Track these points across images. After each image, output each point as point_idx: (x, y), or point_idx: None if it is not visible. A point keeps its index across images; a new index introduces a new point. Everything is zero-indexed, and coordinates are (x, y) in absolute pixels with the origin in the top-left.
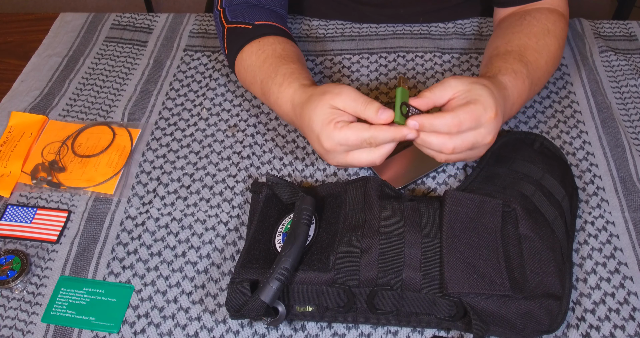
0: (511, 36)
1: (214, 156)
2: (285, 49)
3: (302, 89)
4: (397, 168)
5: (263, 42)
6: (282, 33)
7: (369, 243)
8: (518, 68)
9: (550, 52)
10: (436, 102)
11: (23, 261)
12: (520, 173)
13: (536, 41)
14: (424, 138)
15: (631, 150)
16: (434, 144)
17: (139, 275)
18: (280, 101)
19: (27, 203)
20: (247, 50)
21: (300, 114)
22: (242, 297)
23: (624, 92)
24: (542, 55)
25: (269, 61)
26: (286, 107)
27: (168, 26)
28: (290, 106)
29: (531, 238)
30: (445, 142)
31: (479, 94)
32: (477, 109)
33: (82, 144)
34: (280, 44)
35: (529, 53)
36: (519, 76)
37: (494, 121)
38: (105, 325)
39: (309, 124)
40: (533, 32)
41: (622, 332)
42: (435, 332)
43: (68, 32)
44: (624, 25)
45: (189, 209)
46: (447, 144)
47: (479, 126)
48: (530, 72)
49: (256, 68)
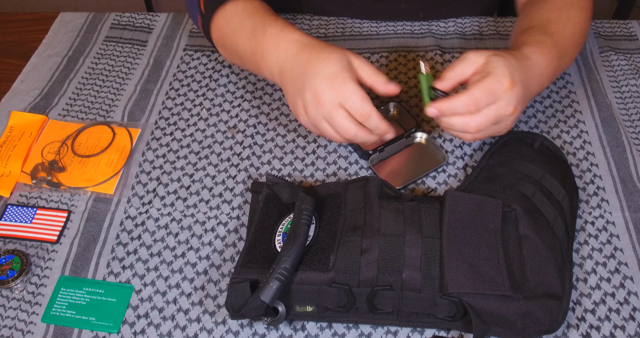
0: (534, 14)
1: (213, 157)
2: (266, 7)
3: (305, 37)
4: (397, 167)
5: (247, 2)
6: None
7: (369, 243)
8: (541, 39)
9: (576, 24)
10: (459, 81)
11: (23, 261)
12: (520, 172)
13: (559, 14)
14: (446, 121)
15: (631, 150)
16: (456, 125)
17: (139, 275)
18: (282, 43)
19: (27, 203)
20: (230, 8)
21: (313, 56)
22: (242, 297)
23: (624, 92)
24: (567, 26)
25: (260, 12)
26: (290, 48)
27: (168, 26)
28: (297, 47)
29: (531, 238)
30: (468, 122)
31: (493, 66)
32: (490, 82)
33: (82, 144)
34: (266, 6)
35: (553, 25)
36: (544, 45)
37: (511, 91)
38: (105, 325)
39: (323, 64)
40: (555, 7)
41: (622, 332)
42: (435, 332)
43: (68, 31)
44: (624, 25)
45: (188, 211)
46: (470, 124)
47: (497, 99)
48: (556, 41)
49: (246, 17)
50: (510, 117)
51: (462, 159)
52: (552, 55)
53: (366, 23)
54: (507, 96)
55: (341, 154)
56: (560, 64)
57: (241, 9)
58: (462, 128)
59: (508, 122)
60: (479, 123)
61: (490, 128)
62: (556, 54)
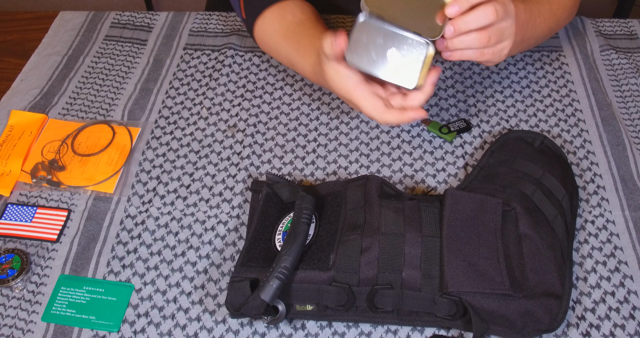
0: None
1: (213, 156)
2: (304, 12)
3: (317, 57)
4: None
5: (284, 6)
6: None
7: (369, 242)
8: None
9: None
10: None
11: (23, 260)
12: (520, 171)
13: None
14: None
15: (632, 149)
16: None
17: (139, 274)
18: (307, 72)
19: (27, 202)
20: (269, 15)
21: (324, 83)
22: (242, 295)
23: (624, 91)
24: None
25: (291, 29)
26: (312, 77)
27: (168, 24)
28: (314, 76)
29: (531, 237)
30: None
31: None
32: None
33: (82, 143)
34: (300, 7)
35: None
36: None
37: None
38: (105, 324)
39: (332, 87)
40: None
41: (622, 330)
42: (435, 330)
43: (68, 30)
44: (625, 24)
45: (188, 209)
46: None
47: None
48: (526, 1)
49: (279, 37)
50: (512, 37)
51: (463, 159)
52: (519, 8)
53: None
54: (513, 14)
55: (341, 154)
56: (530, 20)
57: (277, 25)
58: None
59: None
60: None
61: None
62: (523, 9)
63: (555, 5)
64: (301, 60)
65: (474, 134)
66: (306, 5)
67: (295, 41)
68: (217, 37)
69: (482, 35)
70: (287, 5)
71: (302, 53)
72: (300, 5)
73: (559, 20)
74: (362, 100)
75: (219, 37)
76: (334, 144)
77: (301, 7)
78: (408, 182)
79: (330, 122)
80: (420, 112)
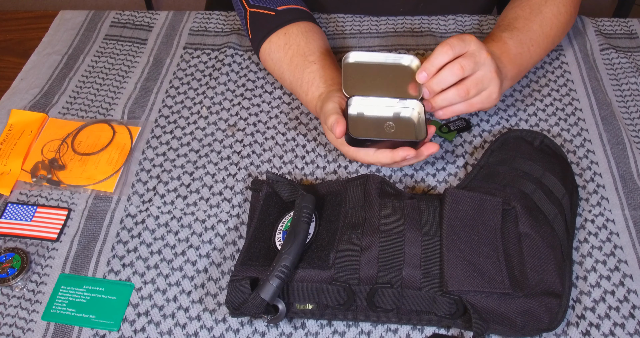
0: (507, 12)
1: (213, 155)
2: (309, 41)
3: (319, 101)
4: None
5: (289, 33)
6: (304, 16)
7: (369, 241)
8: (498, 35)
9: (545, 18)
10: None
11: (23, 259)
12: (520, 170)
13: (529, 11)
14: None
15: (632, 148)
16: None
17: (139, 273)
18: (310, 108)
19: (27, 201)
20: (274, 41)
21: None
22: (242, 294)
23: (624, 90)
24: (533, 21)
25: (295, 61)
26: (315, 113)
27: (168, 24)
28: (317, 115)
29: (531, 236)
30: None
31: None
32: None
33: (82, 142)
34: (304, 34)
35: (518, 22)
36: (498, 38)
37: (489, 57)
38: (105, 323)
39: (327, 137)
40: (529, 4)
41: (622, 329)
42: (435, 329)
43: (68, 29)
44: (625, 23)
45: (188, 209)
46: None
47: (480, 66)
48: (515, 35)
49: (284, 66)
50: (492, 62)
51: (462, 158)
52: (507, 45)
53: (366, 21)
54: (488, 61)
55: (341, 153)
56: (523, 52)
57: (282, 53)
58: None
59: (487, 69)
60: (464, 64)
61: (478, 94)
62: (513, 44)
63: (547, 28)
64: (303, 96)
65: (474, 133)
66: (311, 32)
67: (299, 76)
68: (217, 37)
69: (459, 89)
70: (292, 32)
71: (306, 90)
72: (305, 32)
73: (554, 40)
74: (368, 157)
75: (219, 36)
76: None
77: (306, 36)
78: (408, 181)
79: None
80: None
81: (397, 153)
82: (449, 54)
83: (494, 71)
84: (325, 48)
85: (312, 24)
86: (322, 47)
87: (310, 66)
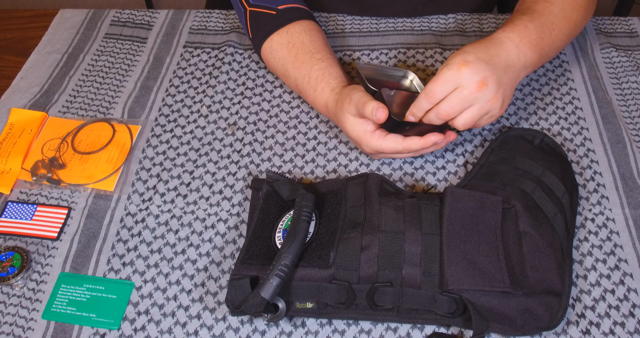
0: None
1: (213, 154)
2: (312, 39)
3: (332, 95)
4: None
5: (291, 32)
6: (305, 15)
7: (369, 240)
8: (517, 18)
9: (566, 0)
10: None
11: (23, 258)
12: (520, 169)
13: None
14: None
15: (632, 147)
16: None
17: (139, 271)
18: (317, 104)
19: (27, 200)
20: (276, 40)
21: (337, 120)
22: (242, 293)
23: (624, 89)
24: (554, 3)
25: (300, 58)
26: (323, 110)
27: (168, 23)
28: (326, 111)
29: (531, 234)
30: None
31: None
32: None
33: (82, 141)
34: (307, 33)
35: (538, 5)
36: (517, 23)
37: (467, 69)
38: (105, 322)
39: (346, 130)
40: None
41: (622, 328)
42: (435, 328)
43: (67, 28)
44: (625, 22)
45: (188, 207)
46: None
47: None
48: (535, 18)
49: (288, 63)
50: (485, 92)
51: (463, 156)
52: (529, 29)
53: (366, 20)
54: (466, 75)
55: (341, 151)
56: (545, 37)
57: (285, 51)
58: (437, 117)
59: (494, 111)
60: (446, 110)
61: (472, 113)
62: (534, 27)
63: (569, 11)
64: (312, 92)
65: (474, 132)
66: (314, 30)
67: (306, 73)
68: (217, 35)
69: (435, 110)
70: (294, 30)
71: (314, 86)
72: (307, 31)
73: (576, 25)
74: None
75: (219, 35)
76: (334, 142)
77: (309, 34)
78: (408, 180)
79: (331, 120)
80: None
81: (429, 138)
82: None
83: (476, 80)
84: (329, 47)
85: (313, 23)
86: (326, 45)
87: (318, 63)
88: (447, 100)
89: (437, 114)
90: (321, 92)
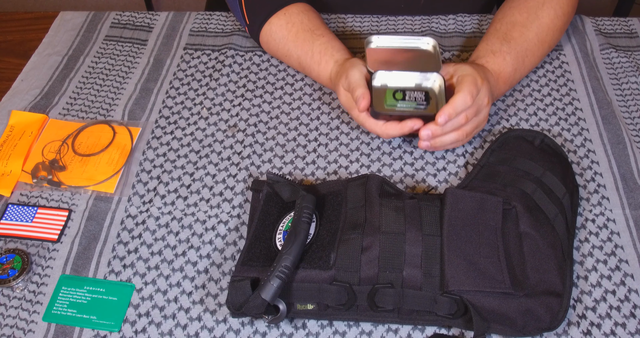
0: (505, 11)
1: (214, 156)
2: (310, 18)
3: (336, 67)
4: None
5: (289, 13)
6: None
7: (369, 241)
8: (497, 48)
9: (542, 25)
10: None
11: (24, 260)
12: (521, 170)
13: (527, 16)
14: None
15: (632, 147)
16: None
17: (140, 273)
18: (322, 78)
19: (28, 202)
20: (275, 23)
21: (335, 90)
22: (242, 295)
23: (624, 89)
24: (530, 28)
25: (301, 36)
26: (327, 82)
27: (168, 24)
28: (330, 83)
29: (532, 235)
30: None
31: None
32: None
33: (82, 143)
34: (304, 13)
35: (516, 29)
36: (497, 54)
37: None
38: (106, 324)
39: (340, 100)
40: (526, 7)
41: (623, 329)
42: (436, 329)
43: (68, 30)
44: (625, 22)
45: (189, 209)
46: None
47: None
48: (513, 47)
49: (290, 43)
50: (486, 108)
51: (463, 157)
52: (507, 61)
53: (367, 20)
54: (486, 105)
55: (342, 153)
56: (519, 67)
57: (285, 31)
58: (451, 140)
59: (484, 113)
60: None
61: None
62: (511, 60)
63: (543, 35)
64: (316, 67)
65: None
66: (311, 11)
67: (309, 48)
68: (217, 37)
69: (459, 133)
70: (292, 11)
71: (318, 60)
72: (304, 11)
73: (550, 45)
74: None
75: (219, 37)
76: (334, 143)
77: (307, 14)
78: (409, 181)
79: (331, 121)
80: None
81: (406, 124)
82: (469, 104)
83: (488, 112)
84: (326, 25)
85: (308, 5)
86: (324, 23)
87: (319, 38)
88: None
89: (457, 120)
90: (325, 65)
